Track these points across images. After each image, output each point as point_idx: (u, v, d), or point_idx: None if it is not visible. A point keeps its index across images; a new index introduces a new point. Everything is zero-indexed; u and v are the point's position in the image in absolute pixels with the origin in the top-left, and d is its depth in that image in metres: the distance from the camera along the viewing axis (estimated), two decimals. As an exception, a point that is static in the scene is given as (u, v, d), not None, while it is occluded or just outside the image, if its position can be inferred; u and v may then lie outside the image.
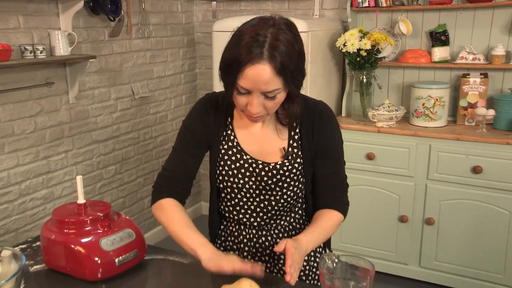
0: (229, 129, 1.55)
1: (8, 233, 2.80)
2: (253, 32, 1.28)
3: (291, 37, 1.30)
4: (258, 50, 1.26)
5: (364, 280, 1.24)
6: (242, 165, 1.53)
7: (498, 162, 2.87)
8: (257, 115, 1.37)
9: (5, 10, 2.63)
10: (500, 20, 3.18)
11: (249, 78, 1.28)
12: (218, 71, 1.38)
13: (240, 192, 1.56)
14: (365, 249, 3.32)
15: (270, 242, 1.63)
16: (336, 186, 1.56)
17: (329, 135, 1.53)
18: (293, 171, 1.52)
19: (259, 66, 1.26)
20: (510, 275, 2.97)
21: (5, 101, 2.69)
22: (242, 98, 1.34)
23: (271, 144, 1.53)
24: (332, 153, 1.55)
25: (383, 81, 3.54)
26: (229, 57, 1.31)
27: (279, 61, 1.26)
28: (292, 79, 1.32)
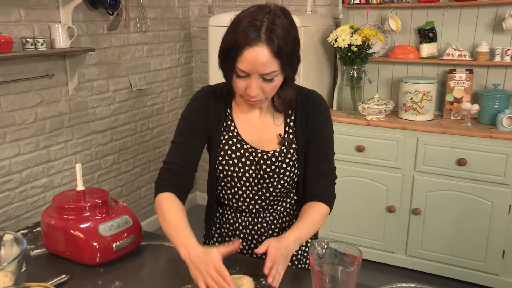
0: (229, 120, 1.56)
1: (10, 220, 2.84)
2: (250, 18, 1.31)
3: (287, 23, 1.33)
4: (255, 34, 1.28)
5: (352, 265, 1.25)
6: (243, 154, 1.54)
7: (482, 155, 2.92)
8: (255, 98, 1.38)
9: (7, 3, 2.65)
10: (485, 18, 3.23)
11: (248, 61, 1.30)
12: (218, 59, 1.40)
13: (240, 180, 1.56)
14: (354, 238, 3.36)
15: (265, 228, 1.64)
16: (324, 173, 1.57)
17: (321, 123, 1.55)
18: (288, 157, 1.54)
19: (257, 49, 1.28)
20: (491, 262, 3.04)
21: (6, 92, 2.72)
22: (241, 82, 1.36)
23: (268, 132, 1.54)
24: (323, 140, 1.56)
25: (373, 75, 3.58)
26: (228, 41, 1.33)
27: (276, 44, 1.29)
28: (288, 62, 1.34)
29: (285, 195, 1.63)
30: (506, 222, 2.97)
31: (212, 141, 1.56)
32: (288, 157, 1.54)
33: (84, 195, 1.51)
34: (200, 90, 1.60)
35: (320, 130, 1.55)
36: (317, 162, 1.56)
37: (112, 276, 1.41)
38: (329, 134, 1.59)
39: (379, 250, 3.35)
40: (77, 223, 1.45)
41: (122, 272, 1.43)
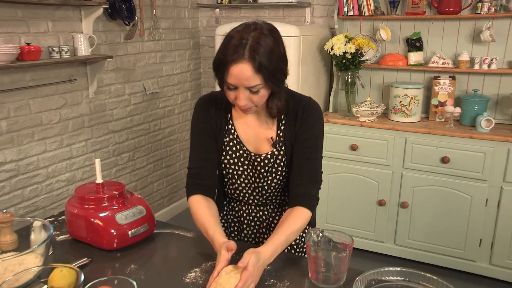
0: (229, 124, 1.58)
1: (38, 210, 2.90)
2: (238, 36, 1.32)
3: (272, 41, 1.34)
4: (241, 51, 1.30)
5: (344, 251, 1.28)
6: (241, 155, 1.57)
7: (463, 154, 2.96)
8: (245, 107, 1.40)
9: (37, 17, 2.72)
10: (465, 30, 3.26)
11: (234, 76, 1.32)
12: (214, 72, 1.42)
13: (240, 178, 1.60)
14: (347, 228, 3.37)
15: (267, 216, 1.67)
16: (306, 172, 1.53)
17: (309, 125, 1.53)
18: (279, 158, 1.55)
19: (241, 65, 1.30)
20: (469, 250, 3.08)
21: (35, 95, 2.77)
22: (231, 93, 1.39)
23: (264, 133, 1.55)
24: (308, 139, 1.53)
25: (366, 81, 3.59)
26: (218, 58, 1.36)
27: (258, 61, 1.30)
28: (270, 77, 1.34)
29: (281, 190, 1.64)
30: (483, 214, 3.01)
31: (217, 142, 1.59)
32: (279, 158, 1.55)
33: (103, 187, 1.54)
34: (199, 100, 1.63)
35: (306, 130, 1.53)
36: (300, 160, 1.54)
37: (128, 260, 1.44)
38: (316, 135, 1.55)
39: (370, 239, 3.38)
40: (97, 212, 1.48)
41: (137, 257, 1.46)
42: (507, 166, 2.89)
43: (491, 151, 2.92)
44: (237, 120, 1.59)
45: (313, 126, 1.54)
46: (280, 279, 1.33)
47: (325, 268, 1.29)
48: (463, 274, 3.19)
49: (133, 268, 1.40)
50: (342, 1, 3.36)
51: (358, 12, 3.34)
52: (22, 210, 2.82)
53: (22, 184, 2.80)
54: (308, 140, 1.54)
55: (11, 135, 2.69)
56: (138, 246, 1.52)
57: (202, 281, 1.32)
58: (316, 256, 1.29)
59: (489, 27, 3.09)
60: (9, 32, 2.60)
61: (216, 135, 1.59)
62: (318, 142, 1.57)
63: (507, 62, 3.22)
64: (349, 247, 1.29)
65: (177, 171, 4.17)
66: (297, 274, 1.37)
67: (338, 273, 1.30)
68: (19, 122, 2.72)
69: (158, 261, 1.46)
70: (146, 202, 1.62)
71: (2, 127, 2.64)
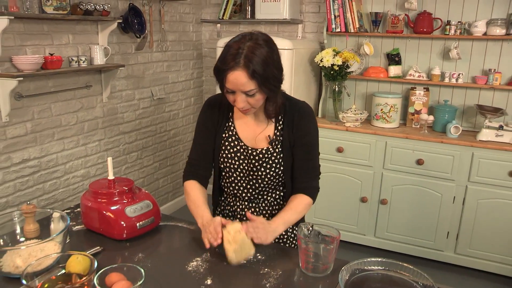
0: (230, 121, 1.59)
1: (57, 202, 2.90)
2: (235, 46, 1.34)
3: (266, 50, 1.35)
4: (237, 60, 1.32)
5: (331, 244, 1.30)
6: (238, 150, 1.57)
7: (435, 156, 2.99)
8: (243, 108, 1.42)
9: (60, 31, 2.74)
10: (436, 48, 3.31)
11: (231, 81, 1.35)
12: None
13: (236, 172, 1.59)
14: (333, 222, 3.38)
15: (258, 213, 1.66)
16: (308, 170, 1.56)
17: (305, 128, 1.54)
18: (274, 155, 1.54)
19: (236, 72, 1.32)
20: (438, 241, 3.12)
21: (56, 100, 2.78)
22: (230, 96, 1.41)
23: (261, 132, 1.56)
24: (307, 142, 1.55)
25: (351, 90, 3.62)
26: (217, 66, 1.38)
27: (251, 69, 1.31)
28: (264, 82, 1.35)
29: (273, 187, 1.63)
30: (451, 210, 3.04)
31: (217, 138, 1.60)
32: (274, 155, 1.55)
33: (114, 183, 1.55)
34: (207, 100, 1.65)
35: (304, 135, 1.54)
36: (302, 161, 1.56)
37: (136, 249, 1.44)
38: (313, 137, 1.58)
39: (353, 232, 3.39)
40: (109, 205, 1.49)
41: (144, 246, 1.46)
42: (471, 168, 2.94)
43: (458, 155, 2.95)
44: (238, 119, 1.60)
45: (309, 129, 1.56)
46: (273, 268, 1.34)
47: (314, 259, 1.30)
48: (433, 262, 3.23)
49: (140, 256, 1.40)
50: (330, 19, 3.37)
51: (345, 29, 3.35)
52: (43, 202, 2.82)
53: (43, 179, 2.80)
54: (307, 144, 1.56)
55: (34, 135, 2.70)
56: (145, 237, 1.53)
57: (203, 269, 1.32)
58: (306, 247, 1.30)
59: (456, 47, 3.17)
60: (36, 44, 2.62)
61: (216, 131, 1.60)
62: (315, 142, 1.60)
63: (471, 77, 3.27)
64: (336, 240, 1.30)
65: (181, 169, 4.16)
66: (288, 264, 1.37)
67: (326, 263, 1.31)
68: (41, 124, 2.73)
69: (163, 250, 1.47)
70: (153, 197, 1.62)
71: (27, 128, 2.65)
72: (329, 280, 1.29)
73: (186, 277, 1.28)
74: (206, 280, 1.26)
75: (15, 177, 2.62)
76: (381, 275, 1.26)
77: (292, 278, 1.30)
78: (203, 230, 1.43)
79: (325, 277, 1.30)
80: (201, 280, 1.26)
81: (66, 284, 1.15)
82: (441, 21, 3.21)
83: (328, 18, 3.38)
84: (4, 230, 1.42)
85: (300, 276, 1.31)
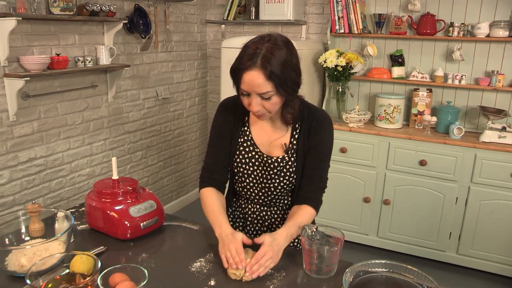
0: (245, 126, 1.53)
1: (62, 200, 2.90)
2: (253, 46, 1.29)
3: (284, 52, 1.28)
4: (254, 60, 1.26)
5: (335, 245, 1.27)
6: (253, 156, 1.52)
7: (438, 157, 2.96)
8: (258, 113, 1.35)
9: (67, 31, 2.73)
10: (440, 50, 3.27)
11: (246, 82, 1.29)
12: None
13: (249, 177, 1.55)
14: (336, 222, 3.37)
15: (269, 216, 1.61)
16: (315, 181, 1.50)
17: (320, 137, 1.48)
18: (289, 164, 1.49)
19: (252, 72, 1.27)
20: (440, 242, 3.10)
21: (62, 99, 2.77)
22: (245, 99, 1.35)
23: (277, 139, 1.50)
24: (320, 152, 1.49)
25: (355, 91, 3.59)
26: (234, 66, 1.33)
27: (269, 70, 1.25)
28: (281, 85, 1.29)
29: (285, 194, 1.58)
30: (454, 210, 3.02)
31: (232, 142, 1.54)
32: (289, 164, 1.49)
33: (118, 183, 1.52)
34: (221, 102, 1.58)
35: (319, 144, 1.48)
36: (311, 170, 1.49)
37: (139, 249, 1.43)
38: (327, 148, 1.51)
39: (356, 232, 3.37)
40: (113, 205, 1.47)
41: (148, 246, 1.45)
42: (474, 169, 2.91)
43: (461, 156, 2.93)
44: (253, 124, 1.54)
45: (325, 139, 1.50)
46: (277, 270, 1.32)
47: (318, 260, 1.28)
48: (435, 263, 3.20)
49: (144, 256, 1.39)
50: (334, 20, 3.35)
51: (348, 30, 3.33)
52: (49, 200, 2.82)
53: (49, 177, 2.79)
54: (320, 153, 1.50)
55: (41, 134, 2.69)
56: (149, 237, 1.51)
57: (206, 270, 1.31)
58: (310, 249, 1.28)
59: (459, 48, 3.15)
60: (43, 45, 2.62)
61: (232, 136, 1.54)
62: (328, 154, 1.53)
63: (474, 78, 3.24)
64: (341, 241, 1.28)
65: (185, 168, 4.16)
66: (292, 265, 1.35)
67: (330, 265, 1.29)
68: (48, 123, 2.73)
69: (167, 251, 1.44)
70: (157, 197, 1.60)
71: (34, 127, 2.65)
72: (333, 282, 1.27)
73: (189, 278, 1.26)
74: (210, 281, 1.25)
75: (21, 175, 2.62)
76: (385, 277, 1.24)
77: (296, 279, 1.28)
78: (221, 243, 1.34)
79: (329, 279, 1.28)
80: (204, 281, 1.25)
81: (70, 284, 1.13)
82: (444, 22, 3.19)
83: (332, 19, 3.36)
84: (10, 229, 1.41)
85: (303, 278, 1.29)
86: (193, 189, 4.33)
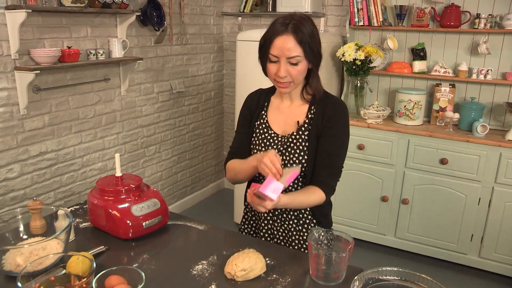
0: (263, 110, 1.60)
1: (74, 195, 2.90)
2: (282, 19, 1.41)
3: (310, 24, 1.42)
4: (284, 27, 1.39)
5: (344, 251, 1.21)
6: (266, 137, 1.56)
7: (460, 156, 2.88)
8: (284, 80, 1.43)
9: (79, 24, 2.72)
10: (464, 43, 3.17)
11: (277, 46, 1.39)
12: (258, 54, 1.48)
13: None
14: (353, 221, 3.33)
15: (281, 211, 1.58)
16: (327, 166, 1.49)
17: (335, 120, 1.50)
18: (300, 141, 1.50)
19: (284, 36, 1.38)
20: (461, 244, 3.01)
21: (73, 93, 2.77)
22: (273, 66, 1.43)
23: (292, 118, 1.55)
24: (333, 135, 1.50)
25: (374, 86, 3.53)
26: (265, 35, 1.44)
27: (300, 35, 1.37)
28: (310, 51, 1.40)
29: (296, 179, 1.54)
30: (476, 212, 2.93)
31: (251, 126, 1.62)
32: (299, 141, 1.51)
33: (121, 180, 1.50)
34: (250, 93, 1.69)
35: (332, 126, 1.49)
36: (324, 154, 1.49)
37: (141, 249, 1.39)
38: (340, 133, 1.52)
39: (373, 232, 3.31)
40: (115, 203, 1.44)
41: (150, 247, 1.42)
42: (499, 169, 2.81)
43: (485, 155, 2.83)
44: (272, 107, 1.61)
45: (339, 123, 1.52)
46: (282, 275, 1.26)
47: (326, 266, 1.22)
48: (455, 265, 3.12)
49: (145, 257, 1.35)
50: (353, 12, 3.28)
51: (368, 23, 3.26)
52: (60, 194, 2.82)
53: (60, 172, 2.80)
54: (333, 137, 1.50)
55: (52, 128, 2.70)
56: (152, 237, 1.48)
57: (208, 273, 1.26)
58: (317, 254, 1.22)
59: (486, 41, 3.03)
60: (54, 37, 2.61)
61: (251, 120, 1.63)
62: (342, 139, 1.53)
63: (500, 73, 3.12)
64: (350, 247, 1.22)
65: (200, 163, 4.13)
66: (298, 270, 1.30)
67: (338, 271, 1.22)
68: (59, 117, 2.73)
69: (169, 252, 1.40)
70: (161, 195, 1.57)
71: (45, 120, 2.65)
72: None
73: (189, 282, 1.22)
74: (210, 286, 1.20)
75: (32, 169, 2.62)
76: (397, 285, 1.18)
77: (302, 286, 1.22)
78: (258, 163, 1.38)
79: (337, 286, 1.22)
80: (204, 285, 1.20)
81: (65, 286, 1.10)
82: (470, 14, 3.06)
83: (351, 11, 3.29)
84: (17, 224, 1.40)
85: (310, 285, 1.23)
86: (208, 184, 4.31)
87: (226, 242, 1.46)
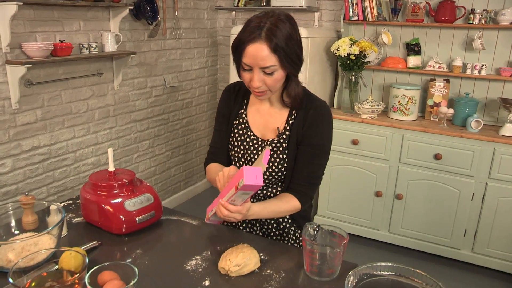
0: (243, 108, 1.52)
1: (67, 190, 2.88)
2: (257, 20, 1.28)
3: (288, 26, 1.28)
4: (257, 33, 1.25)
5: (338, 246, 1.20)
6: (245, 139, 1.49)
7: (454, 151, 2.88)
8: (259, 89, 1.33)
9: (71, 17, 2.69)
10: (459, 38, 3.17)
11: (250, 55, 1.27)
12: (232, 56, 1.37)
13: (240, 160, 1.52)
14: (346, 216, 3.33)
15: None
16: (306, 175, 1.44)
17: (317, 128, 1.42)
18: (280, 149, 1.44)
19: (256, 45, 1.25)
20: (455, 239, 3.03)
21: (66, 87, 2.74)
22: (246, 74, 1.32)
23: (272, 123, 1.47)
24: (315, 144, 1.42)
25: (368, 81, 3.52)
26: (237, 39, 1.31)
27: (274, 42, 1.24)
28: (286, 59, 1.28)
29: (274, 183, 1.50)
30: (469, 207, 2.94)
31: (229, 124, 1.55)
32: (280, 150, 1.44)
33: (114, 175, 1.48)
34: (227, 86, 1.59)
35: (313, 135, 1.42)
36: (304, 163, 1.43)
37: (134, 244, 1.38)
38: (323, 143, 1.44)
39: (366, 227, 3.32)
40: (108, 198, 1.42)
41: (143, 242, 1.40)
42: (492, 164, 2.82)
43: (479, 150, 2.84)
44: (251, 106, 1.53)
45: (320, 131, 1.43)
46: (276, 270, 1.26)
47: (320, 262, 1.21)
48: (449, 260, 3.13)
49: (138, 253, 1.33)
50: (348, 7, 3.27)
51: (363, 18, 3.25)
52: (53, 189, 2.80)
53: (53, 166, 2.78)
54: (315, 146, 1.43)
55: (44, 122, 2.67)
56: (145, 232, 1.46)
57: (201, 268, 1.25)
58: (311, 250, 1.21)
59: (480, 36, 3.02)
60: (46, 31, 2.58)
61: (230, 117, 1.55)
62: (325, 149, 1.45)
63: (495, 69, 3.12)
64: (344, 242, 1.21)
65: (193, 158, 4.12)
66: (292, 266, 1.29)
67: (332, 267, 1.22)
68: (51, 111, 2.70)
69: (163, 247, 1.39)
70: (154, 190, 1.55)
71: (37, 115, 2.62)
72: (335, 284, 1.21)
73: (183, 277, 1.21)
74: (204, 281, 1.19)
75: (25, 164, 2.60)
76: (391, 281, 1.17)
77: (296, 281, 1.22)
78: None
79: (331, 281, 1.22)
80: (198, 280, 1.19)
81: (57, 282, 1.09)
82: (465, 9, 3.06)
83: (345, 6, 3.28)
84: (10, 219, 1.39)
85: (304, 280, 1.22)
86: (202, 179, 4.30)
87: (220, 237, 1.45)
